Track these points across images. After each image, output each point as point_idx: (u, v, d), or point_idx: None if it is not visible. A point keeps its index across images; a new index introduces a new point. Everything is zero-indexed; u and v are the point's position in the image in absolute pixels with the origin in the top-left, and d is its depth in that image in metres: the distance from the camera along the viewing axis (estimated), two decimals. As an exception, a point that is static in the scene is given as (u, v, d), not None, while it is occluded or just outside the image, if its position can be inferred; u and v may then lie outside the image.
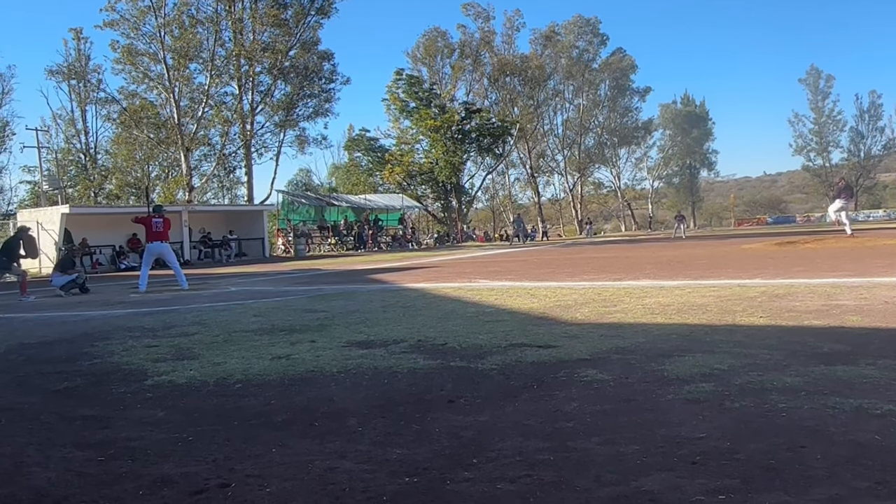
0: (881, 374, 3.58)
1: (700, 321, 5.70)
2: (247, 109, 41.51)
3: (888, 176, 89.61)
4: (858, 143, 78.50)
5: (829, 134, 78.97)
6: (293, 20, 41.17)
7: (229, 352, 5.33)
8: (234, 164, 46.22)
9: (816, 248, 16.27)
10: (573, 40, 68.36)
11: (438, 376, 4.14)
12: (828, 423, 2.84)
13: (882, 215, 69.34)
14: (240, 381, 4.24)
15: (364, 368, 4.44)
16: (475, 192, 59.81)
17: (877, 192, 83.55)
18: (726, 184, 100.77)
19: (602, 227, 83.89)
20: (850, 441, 2.63)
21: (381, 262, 21.86)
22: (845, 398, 3.16)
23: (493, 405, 3.44)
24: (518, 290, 9.45)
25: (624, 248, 24.26)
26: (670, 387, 3.57)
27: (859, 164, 78.18)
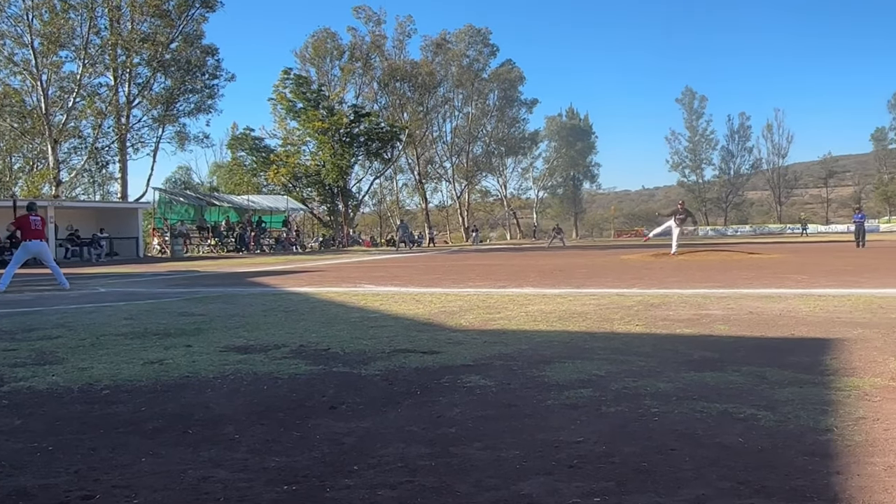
0: (745, 379, 3.80)
1: (580, 328, 5.87)
2: (123, 102, 39.49)
3: (755, 193, 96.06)
4: (729, 161, 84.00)
5: (703, 152, 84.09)
6: (175, 11, 39.53)
7: (97, 356, 5.01)
8: (108, 159, 43.76)
9: (689, 259, 17.19)
10: (464, 49, 69.34)
11: (320, 382, 4.06)
12: (696, 427, 2.97)
13: (748, 230, 74.25)
14: (107, 388, 4.00)
15: (243, 374, 4.29)
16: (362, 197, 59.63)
17: (744, 208, 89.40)
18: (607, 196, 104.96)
19: (488, 234, 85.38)
20: (715, 443, 2.77)
21: (263, 265, 21.33)
22: (712, 403, 3.32)
23: (375, 411, 3.40)
24: (403, 295, 9.44)
25: (508, 256, 24.78)
26: (550, 392, 3.64)
27: (729, 182, 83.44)
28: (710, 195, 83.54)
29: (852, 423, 2.96)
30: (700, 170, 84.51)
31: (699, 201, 79.99)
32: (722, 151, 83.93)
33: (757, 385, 3.67)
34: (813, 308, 6.84)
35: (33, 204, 13.39)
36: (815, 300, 7.52)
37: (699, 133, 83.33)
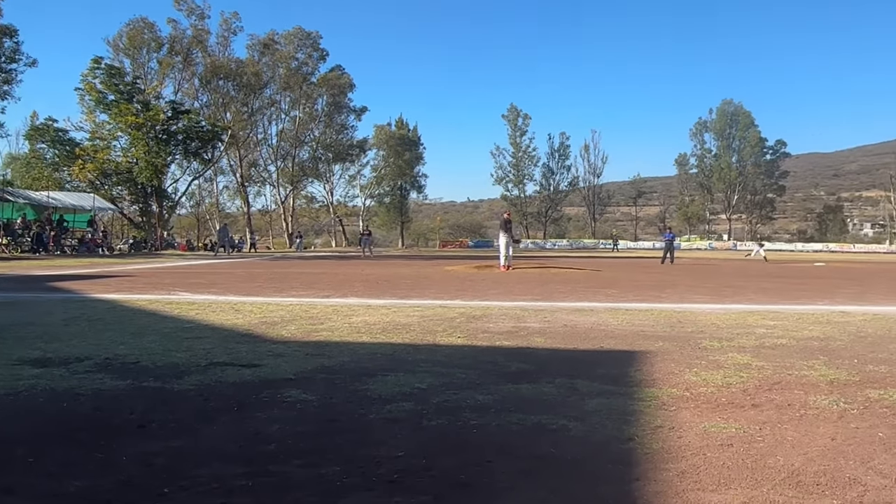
0: (558, 391, 4.01)
1: (404, 340, 5.92)
2: None
3: (572, 209, 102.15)
4: (549, 178, 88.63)
5: (525, 167, 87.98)
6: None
7: None
8: None
9: (509, 272, 17.90)
10: (293, 51, 67.99)
11: (128, 398, 3.79)
12: (512, 438, 3.10)
13: (565, 244, 78.76)
14: None
15: (38, 390, 3.92)
16: (179, 198, 56.77)
17: (562, 223, 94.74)
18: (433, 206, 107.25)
19: (313, 241, 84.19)
20: (530, 454, 2.90)
21: (64, 268, 19.64)
22: (528, 414, 3.48)
23: (188, 429, 3.24)
24: (222, 304, 9.07)
25: (334, 264, 24.57)
26: (373, 406, 3.64)
27: (549, 197, 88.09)
28: (531, 209, 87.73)
29: (651, 432, 3.22)
30: (522, 185, 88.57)
31: (521, 215, 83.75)
32: (543, 168, 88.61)
33: (569, 396, 3.88)
34: (621, 322, 7.36)
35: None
36: (623, 314, 8.11)
37: (522, 149, 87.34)
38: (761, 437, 3.17)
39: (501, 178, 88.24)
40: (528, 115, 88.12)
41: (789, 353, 5.37)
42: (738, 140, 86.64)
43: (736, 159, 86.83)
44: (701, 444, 3.05)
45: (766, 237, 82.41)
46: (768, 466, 2.76)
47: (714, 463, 2.80)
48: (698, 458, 2.86)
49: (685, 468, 2.73)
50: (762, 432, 3.24)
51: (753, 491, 2.51)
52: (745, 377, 4.45)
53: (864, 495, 2.48)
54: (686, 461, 2.82)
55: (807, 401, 3.85)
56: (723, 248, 73.60)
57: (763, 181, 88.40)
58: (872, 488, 2.55)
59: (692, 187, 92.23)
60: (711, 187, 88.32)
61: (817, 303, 9.97)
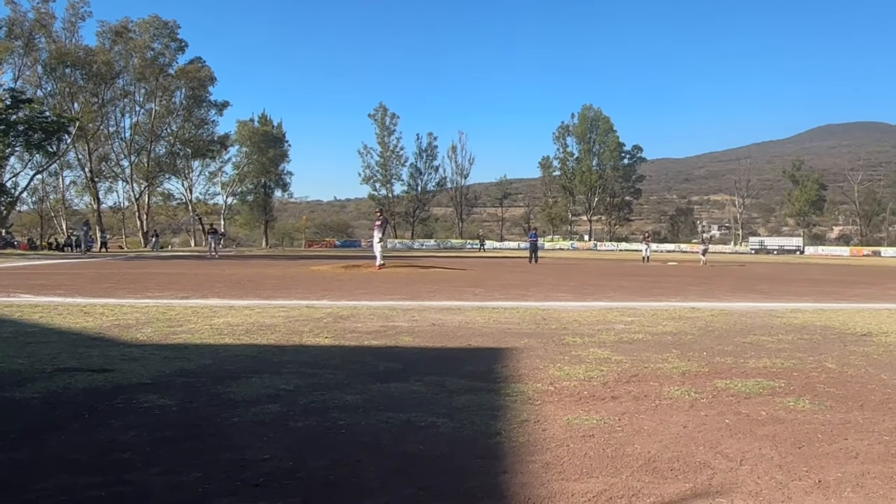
0: (427, 389, 4.04)
1: (269, 341, 5.77)
2: None
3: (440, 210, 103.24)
4: (417, 178, 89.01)
5: (393, 167, 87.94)
6: None
7: None
8: None
9: (377, 272, 17.84)
10: (148, 41, 64.56)
11: (-40, 410, 3.46)
12: (381, 437, 3.09)
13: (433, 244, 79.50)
14: None
15: None
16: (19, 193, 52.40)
17: (430, 223, 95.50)
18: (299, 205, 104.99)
19: (170, 240, 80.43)
20: (399, 452, 2.90)
21: None
22: (397, 413, 3.48)
23: (33, 439, 3.02)
24: (69, 306, 8.48)
25: (193, 265, 23.56)
26: (237, 409, 3.52)
27: (417, 198, 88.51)
28: (399, 209, 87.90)
29: (517, 426, 3.30)
30: (390, 184, 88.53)
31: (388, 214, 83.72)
32: (411, 168, 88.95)
33: (437, 394, 3.92)
34: (488, 320, 7.52)
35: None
36: (490, 312, 8.28)
37: (390, 149, 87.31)
38: (620, 427, 3.33)
39: (369, 177, 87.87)
40: (396, 114, 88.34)
41: (645, 347, 5.69)
42: (599, 144, 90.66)
43: (596, 163, 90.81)
44: (564, 435, 3.16)
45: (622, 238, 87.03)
46: (627, 455, 2.91)
47: (577, 453, 2.91)
48: (562, 449, 2.96)
49: (549, 460, 2.83)
50: (621, 423, 3.40)
51: (613, 478, 2.63)
52: (605, 371, 4.66)
53: (713, 478, 2.66)
54: (550, 453, 2.91)
55: (661, 392, 4.09)
56: (584, 248, 76.93)
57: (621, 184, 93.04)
58: (720, 471, 2.74)
59: (555, 189, 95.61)
60: (573, 189, 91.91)
61: (671, 300, 10.61)
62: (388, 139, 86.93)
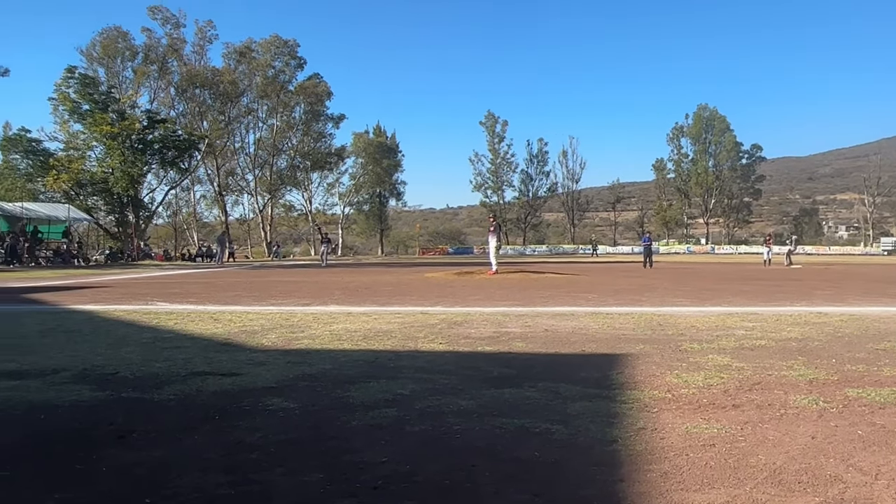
0: (540, 395, 4.02)
1: (385, 347, 5.91)
2: None
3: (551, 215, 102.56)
4: (528, 184, 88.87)
5: (504, 174, 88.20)
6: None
7: None
8: None
9: (490, 278, 17.92)
10: (270, 59, 67.72)
11: (107, 409, 3.75)
12: (496, 443, 3.10)
13: (545, 249, 79.04)
14: None
15: (15, 403, 3.86)
16: (156, 208, 56.14)
17: (541, 229, 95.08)
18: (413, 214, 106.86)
19: (291, 250, 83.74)
20: (514, 458, 2.90)
21: (39, 280, 19.37)
22: (511, 419, 3.48)
23: (169, 439, 3.21)
24: (200, 313, 8.99)
25: (313, 273, 24.45)
26: (355, 413, 3.62)
27: (528, 203, 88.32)
28: (511, 216, 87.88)
29: (634, 434, 3.23)
30: (501, 191, 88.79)
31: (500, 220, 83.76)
32: (522, 174, 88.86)
33: (552, 400, 3.89)
34: (602, 325, 7.40)
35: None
36: (604, 318, 8.15)
37: (501, 156, 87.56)
38: (743, 436, 3.19)
39: (480, 184, 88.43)
40: (507, 121, 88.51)
41: (769, 354, 5.43)
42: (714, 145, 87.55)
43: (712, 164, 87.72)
44: (683, 444, 3.06)
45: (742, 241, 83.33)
46: (750, 465, 2.79)
47: (697, 463, 2.82)
48: (681, 458, 2.88)
49: (668, 469, 2.75)
50: (743, 432, 3.26)
51: (736, 490, 2.53)
52: (725, 378, 4.49)
53: (845, 492, 2.51)
54: (669, 462, 2.83)
55: (787, 400, 3.89)
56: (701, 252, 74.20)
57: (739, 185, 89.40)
58: (853, 485, 2.58)
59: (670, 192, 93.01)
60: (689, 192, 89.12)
61: (795, 304, 10.08)
62: (499, 146, 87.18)
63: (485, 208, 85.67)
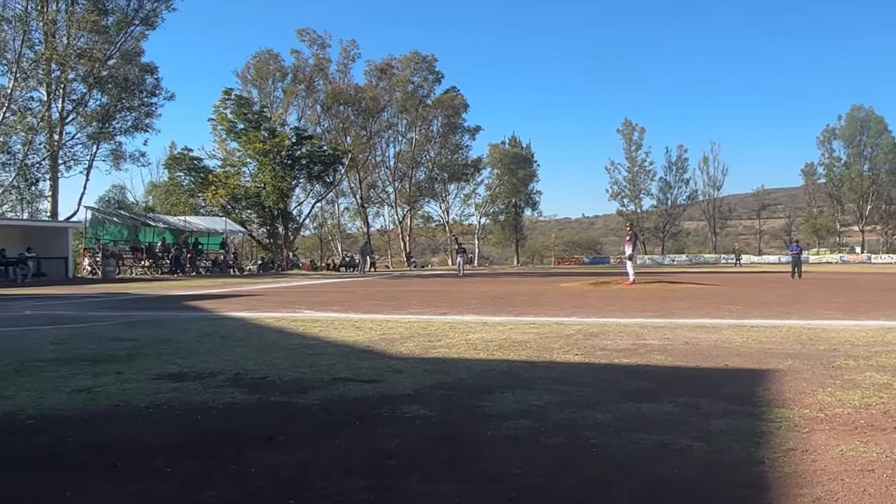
0: (680, 411, 3.87)
1: (520, 357, 5.90)
2: (56, 118, 38.34)
3: (691, 224, 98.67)
4: (666, 192, 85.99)
5: (641, 182, 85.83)
6: (115, 28, 38.80)
7: (20, 383, 4.80)
8: (38, 176, 42.31)
9: (627, 288, 17.50)
10: (409, 75, 69.64)
11: (257, 412, 3.97)
12: (633, 458, 3.01)
13: (685, 259, 76.17)
14: (31, 417, 3.83)
15: (176, 403, 4.16)
16: (303, 220, 58.99)
17: (681, 238, 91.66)
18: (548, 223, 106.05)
19: (429, 260, 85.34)
20: (652, 475, 2.80)
21: (199, 288, 20.85)
22: (649, 434, 3.37)
23: (313, 443, 3.34)
24: (343, 321, 9.35)
25: (450, 283, 24.81)
26: (490, 423, 3.63)
27: (667, 212, 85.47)
28: (648, 224, 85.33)
29: (783, 455, 3.04)
30: (638, 199, 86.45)
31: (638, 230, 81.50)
32: (660, 182, 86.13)
33: (692, 416, 3.74)
34: (746, 339, 7.03)
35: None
36: (749, 331, 7.74)
37: (638, 164, 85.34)
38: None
39: (617, 193, 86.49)
40: (644, 128, 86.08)
41: (939, 374, 4.96)
42: (870, 147, 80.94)
43: (868, 167, 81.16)
44: (838, 468, 2.85)
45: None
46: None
47: (853, 489, 2.61)
48: (835, 483, 2.68)
49: (821, 494, 2.57)
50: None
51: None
52: (885, 398, 4.14)
53: None
54: (822, 487, 2.64)
55: (961, 425, 3.54)
56: (856, 262, 68.74)
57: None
58: None
59: (820, 198, 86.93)
60: (842, 197, 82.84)
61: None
62: (636, 154, 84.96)
63: (621, 217, 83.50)
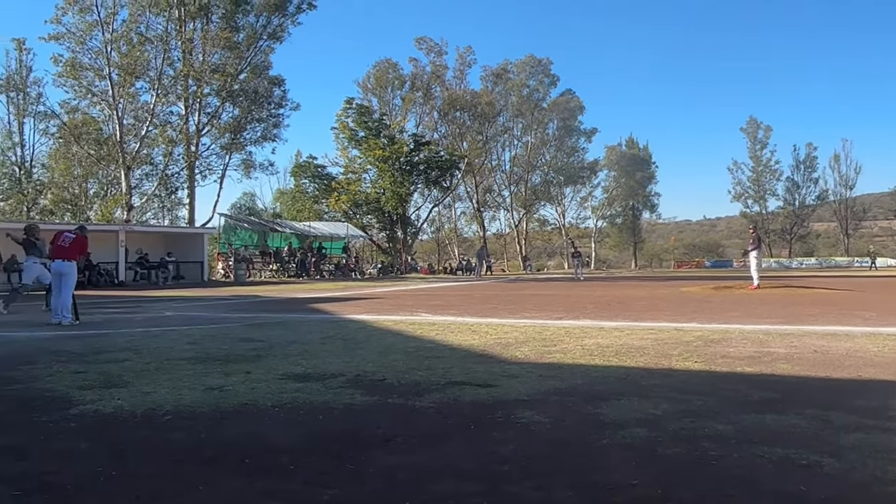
0: (808, 423, 3.67)
1: (637, 364, 5.78)
2: (192, 130, 40.91)
3: (821, 225, 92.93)
4: (794, 192, 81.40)
5: (767, 182, 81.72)
6: (245, 43, 41.00)
7: (160, 381, 5.17)
8: (177, 185, 45.48)
9: (751, 293, 16.75)
10: (524, 79, 69.69)
11: (375, 413, 4.09)
12: (756, 473, 2.89)
13: (814, 262, 71.93)
14: (169, 413, 4.11)
15: (299, 403, 4.36)
16: (421, 224, 60.02)
17: (810, 240, 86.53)
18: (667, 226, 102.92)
19: (545, 263, 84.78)
20: (776, 491, 2.68)
21: (323, 291, 21.64)
22: (773, 447, 3.22)
23: (428, 445, 3.41)
24: (459, 325, 9.45)
25: (566, 286, 24.55)
26: (605, 431, 3.59)
27: (794, 213, 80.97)
28: (774, 226, 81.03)
29: (923, 474, 2.84)
30: (763, 200, 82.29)
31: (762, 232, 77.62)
32: (787, 182, 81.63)
33: (821, 430, 3.54)
34: (882, 348, 6.57)
35: (84, 227, 12.08)
36: (885, 339, 7.22)
37: (763, 163, 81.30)
38: None
39: (740, 194, 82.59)
40: (770, 126, 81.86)
41: None
42: None
43: None
44: None
45: None
46: None
47: None
48: (985, 509, 2.48)
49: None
50: None
51: None
52: None
53: None
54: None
55: None
56: None
57: None
58: None
59: (967, 197, 79.73)
60: None
61: None
62: (761, 153, 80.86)
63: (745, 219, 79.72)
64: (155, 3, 36.96)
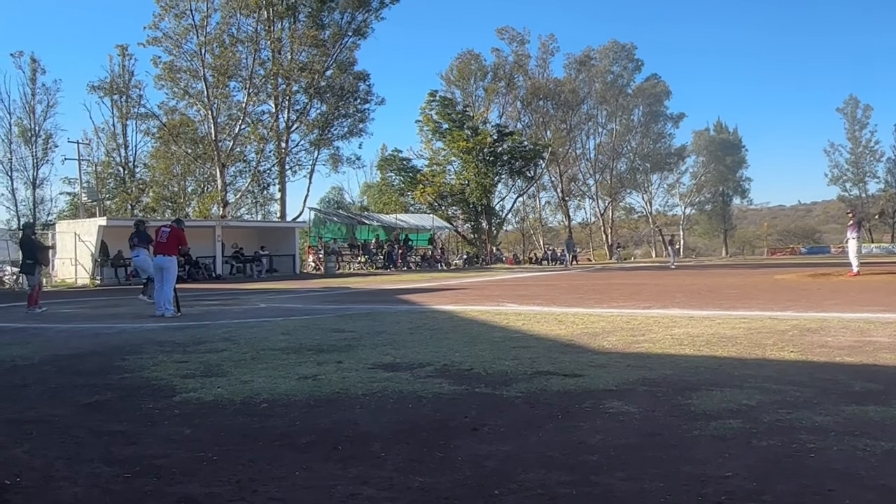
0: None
1: (729, 354, 5.62)
2: (282, 127, 42.11)
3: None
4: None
5: (866, 164, 77.50)
6: (330, 41, 41.84)
7: (257, 370, 5.38)
8: (269, 181, 46.97)
9: (850, 280, 15.99)
10: (608, 65, 68.40)
11: (463, 403, 4.14)
12: (858, 466, 2.78)
13: (920, 247, 67.84)
14: (266, 401, 4.28)
15: (389, 392, 4.45)
16: (505, 215, 59.83)
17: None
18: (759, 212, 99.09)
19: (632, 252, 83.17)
20: (880, 486, 2.58)
21: (409, 282, 21.91)
22: (876, 440, 3.09)
23: (516, 434, 3.43)
24: (545, 315, 9.41)
25: (654, 275, 24.04)
26: (697, 422, 3.52)
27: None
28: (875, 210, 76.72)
29: None
30: (863, 183, 78.04)
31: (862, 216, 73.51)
32: (888, 163, 77.06)
33: (929, 423, 3.37)
34: None
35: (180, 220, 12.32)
36: None
37: (862, 144, 77.09)
38: None
39: (837, 177, 78.52)
40: (870, 105, 77.41)
41: None
42: None
43: None
44: None
45: None
46: None
47: None
48: None
49: None
50: None
51: None
52: None
53: None
54: None
55: None
56: None
57: None
58: None
59: None
60: None
61: None
62: (860, 133, 76.57)
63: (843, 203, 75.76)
64: (245, 5, 38.13)
